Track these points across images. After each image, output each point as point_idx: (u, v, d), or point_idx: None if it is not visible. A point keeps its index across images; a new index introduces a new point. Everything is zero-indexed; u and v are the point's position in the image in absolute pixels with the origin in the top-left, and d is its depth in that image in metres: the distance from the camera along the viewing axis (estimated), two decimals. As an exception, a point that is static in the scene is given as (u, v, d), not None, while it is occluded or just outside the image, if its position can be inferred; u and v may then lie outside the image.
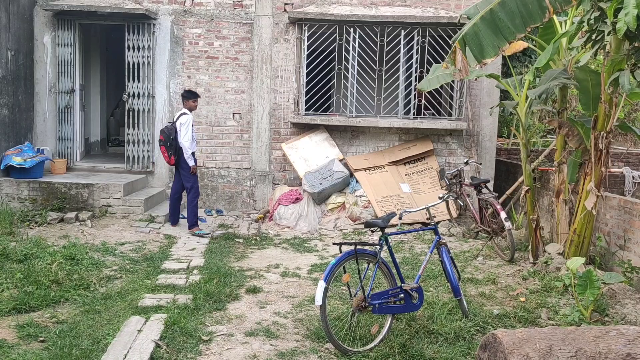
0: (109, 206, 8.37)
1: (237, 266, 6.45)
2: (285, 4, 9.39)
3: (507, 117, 12.54)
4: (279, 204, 8.83)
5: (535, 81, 6.64)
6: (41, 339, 4.33)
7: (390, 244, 4.60)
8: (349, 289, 4.33)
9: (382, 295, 4.36)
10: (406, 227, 8.06)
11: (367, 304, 4.23)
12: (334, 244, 4.67)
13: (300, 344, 4.40)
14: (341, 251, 4.27)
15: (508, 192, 9.15)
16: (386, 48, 9.29)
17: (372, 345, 4.27)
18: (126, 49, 9.34)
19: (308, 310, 5.09)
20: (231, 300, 5.30)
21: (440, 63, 7.82)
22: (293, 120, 9.40)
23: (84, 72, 10.03)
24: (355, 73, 9.27)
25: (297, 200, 8.81)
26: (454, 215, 8.73)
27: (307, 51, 9.30)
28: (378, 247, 4.43)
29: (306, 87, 9.51)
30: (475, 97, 9.45)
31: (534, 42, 7.15)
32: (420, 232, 7.98)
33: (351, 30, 9.14)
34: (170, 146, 7.69)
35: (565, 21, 6.55)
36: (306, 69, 9.38)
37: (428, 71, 8.33)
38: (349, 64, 9.28)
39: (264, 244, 7.62)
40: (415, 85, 9.08)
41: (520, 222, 8.25)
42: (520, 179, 8.42)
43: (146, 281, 5.74)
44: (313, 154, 9.25)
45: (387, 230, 4.53)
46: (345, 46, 9.34)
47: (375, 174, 9.10)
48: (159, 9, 9.40)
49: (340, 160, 9.18)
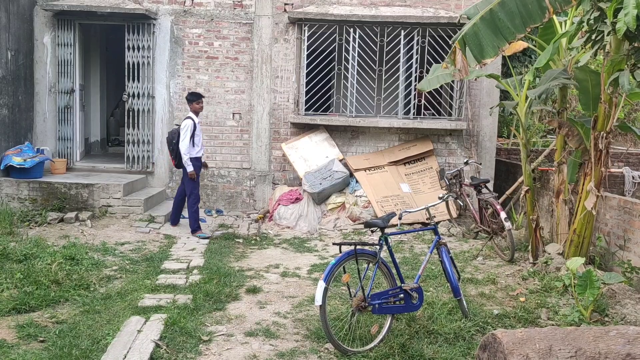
0: (109, 206, 8.37)
1: (237, 266, 6.46)
2: (285, 4, 9.39)
3: (507, 117, 12.54)
4: (278, 204, 8.83)
5: (535, 81, 6.64)
6: (41, 339, 4.34)
7: (390, 244, 4.60)
8: (348, 289, 4.33)
9: (382, 295, 4.36)
10: (406, 227, 8.06)
11: (366, 304, 4.23)
12: (333, 244, 4.67)
13: (300, 344, 4.40)
14: (341, 251, 4.27)
15: (508, 192, 9.15)
16: (386, 48, 9.29)
17: (371, 345, 4.27)
18: (126, 49, 9.35)
19: (308, 311, 5.09)
20: (231, 301, 5.30)
21: (440, 63, 7.82)
22: (293, 120, 9.40)
23: (84, 72, 10.03)
24: (355, 73, 9.27)
25: (297, 200, 8.81)
26: (454, 215, 8.73)
27: (307, 51, 9.30)
28: (378, 247, 4.43)
29: (306, 87, 9.51)
30: (475, 97, 9.45)
31: (533, 42, 7.15)
32: (420, 232, 7.99)
33: (351, 30, 9.14)
34: (173, 149, 7.80)
35: (565, 21, 6.55)
36: (306, 69, 9.38)
37: (428, 71, 8.33)
38: (348, 64, 9.28)
39: (263, 244, 7.62)
40: (415, 85, 9.08)
41: (520, 222, 8.25)
42: (520, 179, 8.42)
43: (146, 281, 5.75)
44: (313, 154, 9.25)
45: (387, 231, 4.53)
46: (345, 46, 9.34)
47: (375, 174, 9.10)
48: (159, 9, 9.40)
49: (340, 160, 9.18)
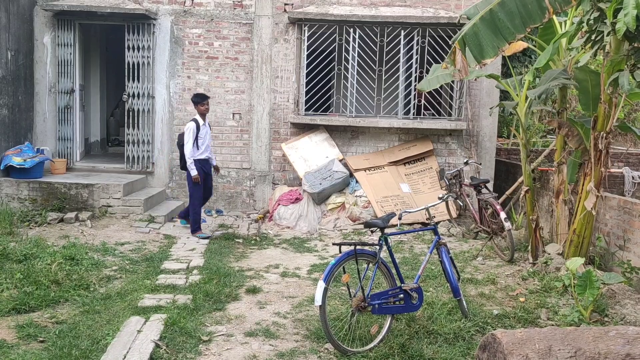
0: (109, 206, 8.37)
1: (236, 266, 6.46)
2: (285, 4, 9.39)
3: (507, 117, 12.54)
4: (278, 204, 8.83)
5: (535, 81, 6.64)
6: (41, 339, 4.33)
7: (390, 244, 4.60)
8: (348, 289, 4.33)
9: (382, 295, 4.36)
10: (406, 228, 8.06)
11: (366, 304, 4.23)
12: (333, 244, 4.67)
13: (299, 344, 4.40)
14: (341, 251, 4.27)
15: (508, 193, 9.15)
16: (386, 48, 9.29)
17: (371, 345, 4.27)
18: (126, 49, 9.35)
19: (308, 311, 5.09)
20: (231, 301, 5.30)
21: (440, 63, 7.81)
22: (293, 120, 9.40)
23: (83, 72, 10.03)
24: (355, 73, 9.27)
25: (297, 200, 8.81)
26: (454, 215, 8.73)
27: (307, 51, 9.30)
28: (378, 247, 4.43)
29: (306, 87, 9.51)
30: (475, 97, 9.45)
31: (533, 42, 7.16)
32: (420, 233, 7.99)
33: (351, 30, 9.14)
34: (181, 153, 7.88)
35: (565, 21, 6.55)
36: (306, 69, 9.38)
37: (428, 71, 8.33)
38: (348, 64, 9.28)
39: (263, 244, 7.62)
40: (415, 85, 9.08)
41: (520, 222, 8.25)
42: (520, 179, 8.42)
43: (146, 281, 5.75)
44: (313, 154, 9.25)
45: (387, 231, 4.53)
46: (345, 46, 9.34)
47: (375, 174, 9.10)
48: (159, 9, 9.40)
49: (340, 161, 9.18)
